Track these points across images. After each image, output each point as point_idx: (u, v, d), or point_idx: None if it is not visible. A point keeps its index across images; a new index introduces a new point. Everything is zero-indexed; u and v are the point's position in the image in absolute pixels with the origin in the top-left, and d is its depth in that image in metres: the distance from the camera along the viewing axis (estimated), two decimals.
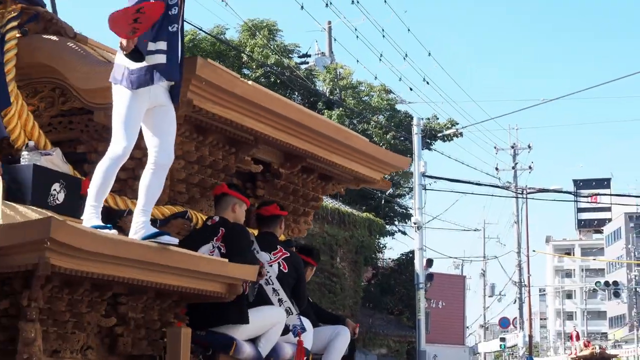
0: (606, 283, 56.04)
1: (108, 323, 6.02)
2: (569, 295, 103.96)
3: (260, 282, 6.81)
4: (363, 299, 29.76)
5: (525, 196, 39.55)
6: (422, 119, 30.76)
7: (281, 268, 7.12)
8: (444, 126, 35.43)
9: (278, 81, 31.73)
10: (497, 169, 41.03)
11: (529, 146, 42.55)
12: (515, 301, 43.79)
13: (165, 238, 5.74)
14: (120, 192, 6.52)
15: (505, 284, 58.14)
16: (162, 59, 5.64)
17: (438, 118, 36.04)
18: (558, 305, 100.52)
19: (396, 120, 35.07)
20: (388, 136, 33.51)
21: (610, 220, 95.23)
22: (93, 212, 5.69)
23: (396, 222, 37.19)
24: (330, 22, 37.16)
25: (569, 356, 36.04)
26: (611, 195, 64.30)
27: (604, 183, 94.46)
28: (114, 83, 5.66)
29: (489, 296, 59.27)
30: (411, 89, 39.49)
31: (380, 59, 33.87)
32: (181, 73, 5.82)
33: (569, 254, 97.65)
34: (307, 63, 35.44)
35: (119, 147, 5.65)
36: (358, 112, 34.15)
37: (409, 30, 41.98)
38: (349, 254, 27.77)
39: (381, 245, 34.93)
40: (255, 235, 7.22)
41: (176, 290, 6.11)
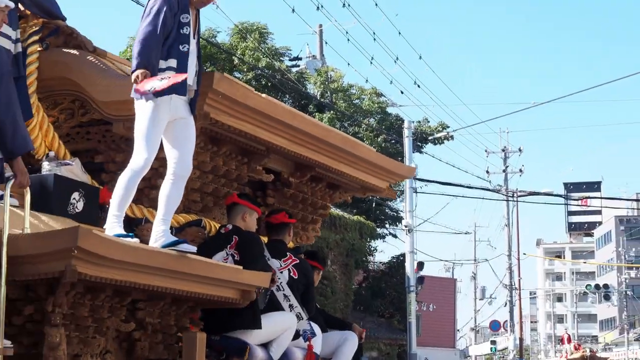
0: (596, 286, 56.47)
1: (127, 328, 6.28)
2: (560, 298, 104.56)
3: (271, 289, 7.08)
4: (354, 302, 29.94)
5: (515, 199, 39.89)
6: (413, 122, 30.98)
7: (291, 274, 7.39)
8: (435, 129, 35.57)
9: (269, 84, 31.88)
10: (488, 172, 41.36)
11: (520, 149, 42.89)
12: (505, 304, 44.14)
13: (184, 246, 6.01)
14: (137, 201, 6.77)
15: (495, 287, 58.60)
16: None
17: (429, 121, 36.16)
18: (549, 308, 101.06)
19: (387, 123, 35.20)
20: (379, 139, 33.66)
21: (600, 223, 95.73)
22: (115, 221, 5.95)
23: (387, 225, 37.32)
24: (321, 25, 37.37)
25: (560, 359, 36.29)
26: (601, 198, 64.73)
27: (595, 186, 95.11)
28: (136, 99, 5.92)
29: (480, 299, 59.62)
30: (402, 92, 39.47)
31: (371, 62, 34.32)
32: (198, 87, 6.11)
33: (560, 257, 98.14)
34: (298, 66, 35.58)
35: (141, 159, 5.92)
36: (349, 115, 34.28)
37: (400, 33, 42.02)
38: (340, 257, 27.94)
39: (372, 248, 35.04)
40: (265, 242, 7.48)
41: (192, 296, 6.38)
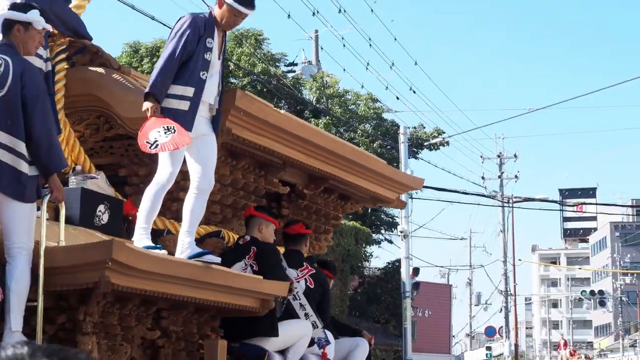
0: (592, 292, 56.96)
1: (153, 336, 6.62)
2: (555, 304, 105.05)
3: (288, 297, 7.42)
4: (349, 308, 30.21)
5: (511, 205, 40.24)
6: (409, 128, 31.30)
7: (308, 284, 7.73)
8: (431, 135, 35.82)
9: (265, 90, 32.13)
10: (484, 178, 41.70)
11: (515, 155, 43.24)
12: (501, 310, 44.44)
13: (208, 257, 6.35)
14: (160, 213, 7.09)
15: (491, 293, 58.97)
16: (185, 106, 6.27)
17: (424, 127, 36.43)
18: (544, 314, 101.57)
19: (383, 129, 35.43)
20: (375, 145, 33.91)
21: (595, 229, 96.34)
22: (144, 234, 6.29)
23: (382, 231, 37.55)
24: (317, 31, 37.64)
25: None
26: (597, 204, 65.24)
27: (590, 192, 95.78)
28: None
29: (475, 305, 60.02)
30: (398, 98, 39.84)
31: (367, 68, 34.54)
32: (220, 106, 6.46)
33: (555, 263, 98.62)
34: (294, 72, 35.84)
35: (165, 173, 6.27)
36: (345, 121, 34.54)
37: (396, 39, 42.42)
38: (336, 263, 28.14)
39: (367, 253, 35.23)
40: (282, 252, 7.82)
41: (214, 305, 6.72)
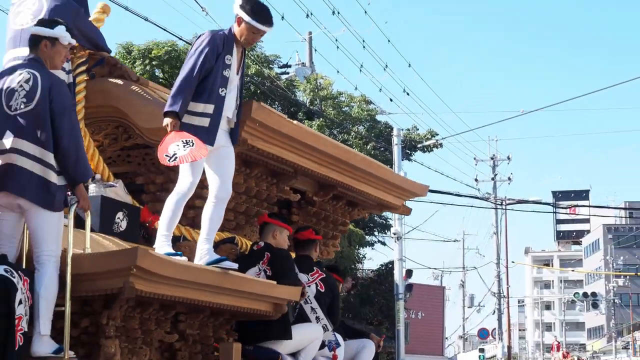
0: (585, 294, 57.40)
1: (171, 339, 6.93)
2: (548, 306, 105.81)
3: (300, 302, 7.74)
4: (342, 310, 30.33)
5: (504, 207, 40.54)
6: (402, 130, 31.52)
7: (318, 288, 8.05)
8: (424, 137, 36.09)
9: (258, 91, 32.35)
10: (477, 180, 42.07)
11: (509, 157, 43.59)
12: (494, 312, 44.80)
13: (226, 263, 6.68)
14: None
15: (484, 295, 59.26)
16: (205, 122, 6.60)
17: (418, 129, 36.71)
18: (537, 316, 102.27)
19: (376, 130, 35.71)
20: (368, 147, 34.17)
21: (588, 231, 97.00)
22: (165, 241, 6.62)
23: (376, 233, 37.79)
24: (310, 33, 37.90)
25: None
26: (590, 206, 65.73)
27: (583, 195, 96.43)
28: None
29: (468, 307, 60.41)
30: (391, 100, 40.45)
31: (360, 70, 34.75)
32: (238, 119, 6.79)
33: (548, 265, 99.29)
34: (288, 73, 36.05)
35: (186, 183, 6.60)
36: (338, 123, 34.79)
37: (389, 41, 42.75)
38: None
39: (361, 255, 35.51)
40: (293, 258, 8.14)
41: (229, 309, 7.04)
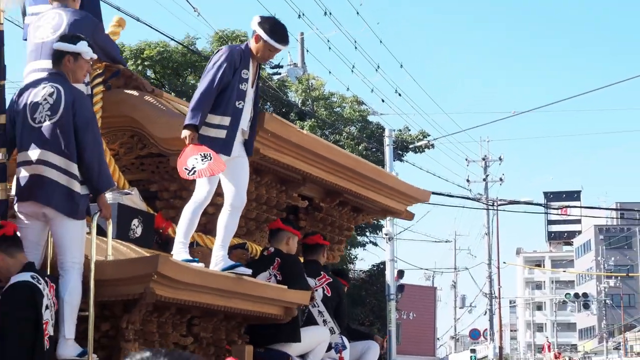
0: (576, 295, 57.92)
1: (186, 342, 7.27)
2: (539, 306, 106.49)
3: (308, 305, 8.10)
4: None
5: (496, 208, 40.92)
6: (394, 131, 31.82)
7: (325, 292, 8.41)
8: (416, 138, 36.34)
9: None
10: (468, 181, 42.43)
11: (500, 158, 43.98)
12: (485, 313, 45.16)
13: (240, 269, 7.03)
14: None
15: (475, 296, 59.62)
16: (222, 134, 6.96)
17: (410, 130, 36.96)
18: (528, 316, 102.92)
19: (368, 131, 35.96)
20: (360, 147, 34.44)
21: (580, 232, 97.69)
22: (182, 248, 6.97)
23: (367, 233, 38.01)
24: (302, 34, 38.12)
25: None
26: (581, 207, 66.28)
27: (574, 195, 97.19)
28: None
29: (460, 307, 60.85)
30: (383, 101, 40.87)
31: (352, 71, 35.08)
32: (253, 130, 7.15)
33: (539, 266, 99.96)
34: (280, 74, 36.26)
35: (203, 192, 6.95)
36: (330, 123, 35.05)
37: (381, 42, 43.26)
38: None
39: (352, 256, 35.75)
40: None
41: (241, 313, 7.39)
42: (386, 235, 28.14)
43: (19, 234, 6.30)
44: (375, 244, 37.83)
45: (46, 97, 6.40)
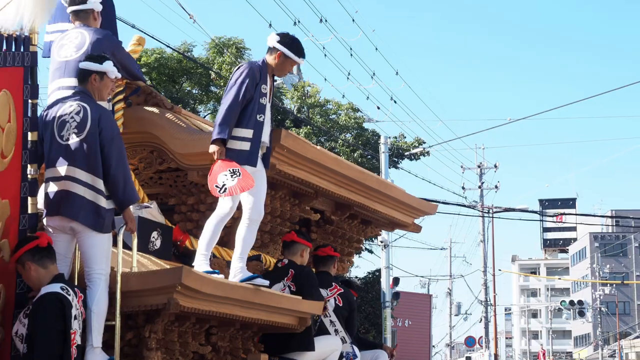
0: (571, 302, 58.25)
1: (204, 350, 7.60)
2: (535, 314, 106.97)
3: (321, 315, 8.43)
4: None
5: (491, 215, 41.27)
6: (390, 138, 32.12)
7: (337, 302, 8.74)
8: (411, 145, 36.57)
9: None
10: (464, 188, 42.86)
11: (496, 165, 44.39)
12: (481, 320, 45.57)
13: (258, 280, 7.38)
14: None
15: (471, 303, 59.86)
16: (247, 146, 7.32)
17: (405, 137, 37.17)
18: (523, 324, 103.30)
19: (363, 138, 36.19)
20: (355, 154, 34.72)
21: (575, 240, 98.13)
22: (203, 260, 7.31)
23: (363, 241, 38.06)
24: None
25: None
26: (576, 215, 66.64)
27: (570, 203, 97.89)
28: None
29: (455, 315, 61.27)
30: (379, 108, 41.04)
31: (348, 78, 35.58)
32: (271, 142, 7.50)
33: (535, 274, 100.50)
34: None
35: (226, 207, 7.31)
36: (325, 130, 35.31)
37: (377, 49, 43.61)
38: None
39: None
40: None
41: (258, 322, 7.72)
42: (381, 242, 28.40)
43: None
44: (370, 251, 38.06)
45: (73, 115, 6.72)
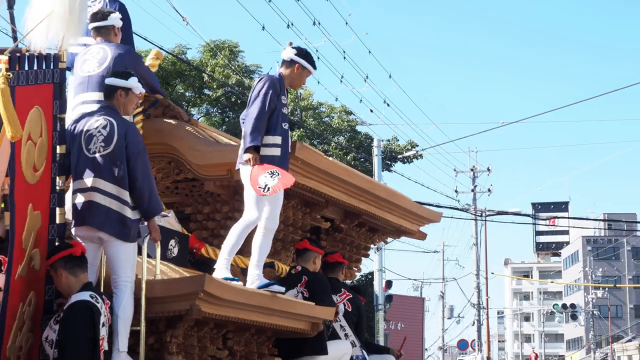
0: (564, 306, 58.95)
1: (221, 355, 7.99)
2: (527, 317, 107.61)
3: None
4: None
5: (484, 219, 41.74)
6: (383, 141, 32.51)
7: (346, 308, 9.14)
8: (404, 148, 36.86)
9: (239, 101, 33.08)
10: (457, 191, 43.31)
11: (488, 169, 44.85)
12: (473, 323, 45.99)
13: (274, 287, 7.78)
14: (217, 246, 8.49)
15: (464, 306, 60.26)
16: (277, 152, 7.74)
17: (398, 140, 37.46)
18: (516, 327, 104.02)
19: (356, 141, 36.46)
20: (348, 157, 35.03)
21: (567, 243, 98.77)
22: (225, 265, 7.72)
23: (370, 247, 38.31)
24: (291, 43, 38.46)
25: None
26: (569, 218, 67.21)
27: (562, 206, 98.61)
28: (244, 165, 7.68)
29: (448, 318, 61.67)
30: (372, 111, 41.31)
31: (341, 81, 36.04)
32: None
33: (527, 277, 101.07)
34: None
35: (252, 216, 7.72)
36: (319, 133, 35.57)
37: (370, 52, 44.08)
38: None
39: None
40: None
41: (272, 327, 8.12)
42: (374, 245, 28.83)
43: None
44: None
45: (100, 129, 7.11)
